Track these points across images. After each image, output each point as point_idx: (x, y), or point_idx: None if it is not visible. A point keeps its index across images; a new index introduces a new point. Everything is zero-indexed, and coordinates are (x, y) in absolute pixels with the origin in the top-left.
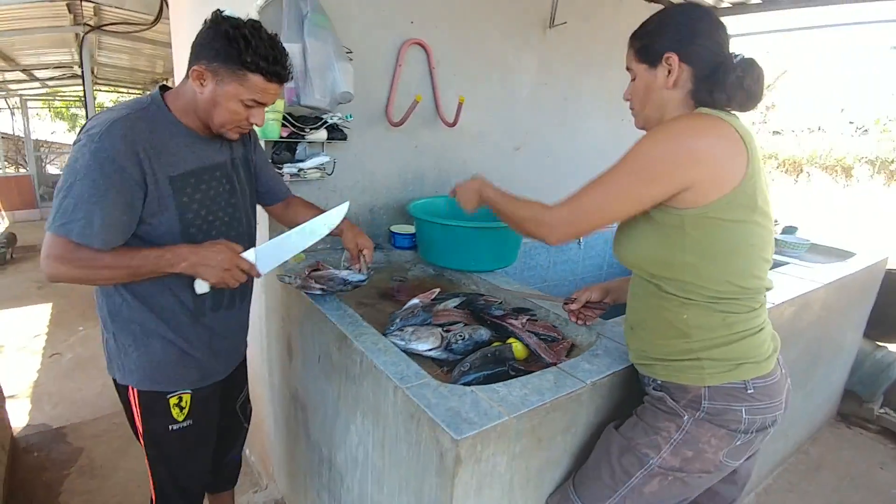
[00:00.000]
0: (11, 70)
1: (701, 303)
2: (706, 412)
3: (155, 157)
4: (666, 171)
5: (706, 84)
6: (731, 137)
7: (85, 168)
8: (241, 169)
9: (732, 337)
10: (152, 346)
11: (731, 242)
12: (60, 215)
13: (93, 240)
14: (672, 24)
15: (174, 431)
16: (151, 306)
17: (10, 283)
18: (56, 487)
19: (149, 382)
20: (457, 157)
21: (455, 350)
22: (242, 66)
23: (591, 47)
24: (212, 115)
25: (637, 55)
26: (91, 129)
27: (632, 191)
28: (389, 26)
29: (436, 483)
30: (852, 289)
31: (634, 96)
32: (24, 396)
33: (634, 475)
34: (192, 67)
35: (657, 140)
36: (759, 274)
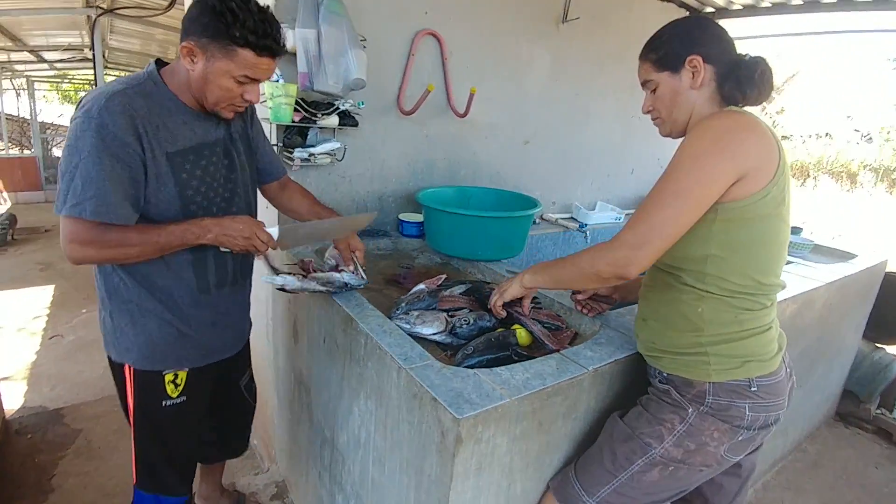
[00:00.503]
0: (18, 50)
1: (718, 296)
2: (710, 407)
3: (153, 132)
4: (724, 168)
5: (727, 81)
6: (767, 133)
7: (89, 146)
8: (240, 144)
9: (742, 334)
10: (149, 325)
11: (759, 236)
12: (71, 196)
13: (110, 216)
14: (689, 31)
15: (167, 407)
16: (150, 287)
17: (11, 265)
18: (50, 469)
19: (145, 361)
20: (467, 147)
21: (459, 334)
22: (231, 41)
23: (605, 43)
24: (204, 92)
25: (656, 65)
26: (89, 106)
27: (699, 194)
28: (404, 16)
29: (436, 462)
30: (853, 289)
31: (660, 105)
32: (21, 378)
33: (635, 463)
34: (182, 44)
35: (707, 139)
36: (777, 271)
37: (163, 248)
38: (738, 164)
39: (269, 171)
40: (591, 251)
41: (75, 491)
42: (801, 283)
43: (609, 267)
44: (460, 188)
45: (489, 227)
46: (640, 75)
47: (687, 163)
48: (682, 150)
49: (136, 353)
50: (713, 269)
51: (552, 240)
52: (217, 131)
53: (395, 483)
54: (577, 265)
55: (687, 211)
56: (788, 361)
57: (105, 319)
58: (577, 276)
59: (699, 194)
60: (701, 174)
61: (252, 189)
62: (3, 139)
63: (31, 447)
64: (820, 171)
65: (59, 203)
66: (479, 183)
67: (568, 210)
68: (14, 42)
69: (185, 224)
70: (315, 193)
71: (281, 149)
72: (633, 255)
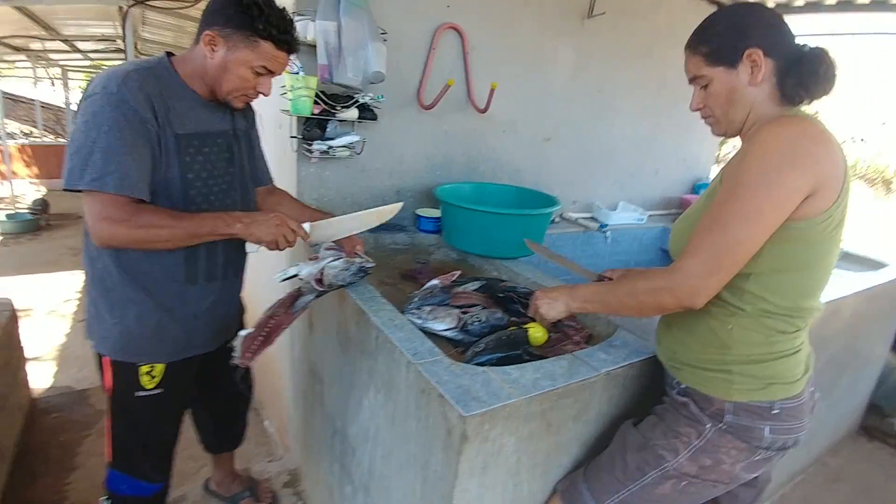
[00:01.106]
0: (52, 39)
1: (752, 315)
2: (729, 425)
3: (164, 112)
4: (797, 186)
5: (788, 76)
6: (836, 145)
7: (109, 120)
8: (241, 140)
9: (770, 356)
10: (127, 316)
11: (812, 258)
12: (91, 170)
13: (132, 189)
14: (746, 19)
15: (141, 398)
16: (135, 274)
17: (44, 249)
18: (73, 448)
19: (120, 352)
20: (486, 144)
21: (471, 331)
22: (255, 33)
23: (630, 39)
24: (221, 80)
25: (709, 59)
26: (105, 83)
27: (770, 216)
28: (425, 10)
29: (441, 459)
30: (883, 299)
31: (713, 102)
32: (50, 359)
33: (648, 474)
34: (204, 32)
35: (777, 151)
36: (819, 294)
37: (193, 234)
38: (809, 180)
39: (258, 176)
40: (650, 281)
41: (97, 470)
42: (828, 290)
43: (674, 300)
44: (478, 184)
45: (506, 224)
46: (689, 70)
47: (755, 179)
48: (748, 163)
49: (112, 342)
50: (755, 286)
51: (571, 239)
52: (222, 123)
53: (401, 477)
54: (635, 296)
55: (757, 235)
56: (812, 380)
57: (89, 306)
58: (635, 306)
59: (771, 217)
60: (772, 193)
61: (250, 187)
62: (38, 127)
63: (57, 426)
64: (854, 176)
65: (74, 178)
66: (499, 180)
67: (589, 210)
68: (48, 31)
69: (217, 213)
70: (333, 187)
71: (300, 141)
72: (699, 286)
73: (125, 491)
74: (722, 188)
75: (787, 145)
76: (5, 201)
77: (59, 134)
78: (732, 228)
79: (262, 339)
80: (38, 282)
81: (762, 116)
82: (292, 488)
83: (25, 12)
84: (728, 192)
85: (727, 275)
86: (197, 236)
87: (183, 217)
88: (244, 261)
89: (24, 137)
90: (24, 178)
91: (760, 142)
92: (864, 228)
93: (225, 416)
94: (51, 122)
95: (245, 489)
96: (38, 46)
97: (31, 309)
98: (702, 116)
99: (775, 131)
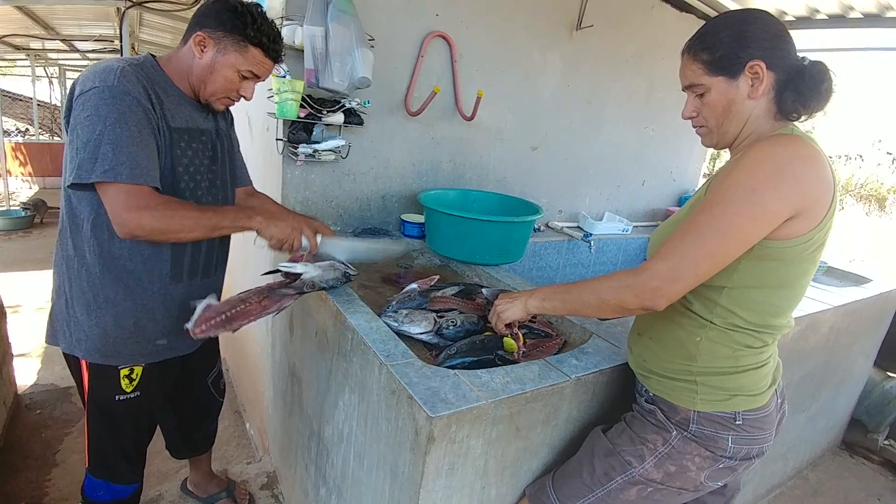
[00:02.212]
0: (51, 39)
1: (721, 328)
2: (693, 434)
3: (159, 105)
4: (780, 207)
5: (787, 89)
6: (827, 168)
7: (114, 113)
8: (224, 140)
9: (736, 369)
10: (105, 318)
11: (787, 278)
12: (101, 163)
13: (146, 178)
14: (752, 31)
15: (119, 402)
16: (118, 272)
17: (34, 246)
18: (55, 445)
19: (98, 355)
20: (473, 151)
21: (446, 335)
22: (245, 39)
23: (619, 52)
24: (206, 81)
25: (710, 68)
26: (103, 77)
27: (747, 232)
28: (414, 17)
29: (409, 460)
30: (865, 315)
31: (709, 112)
32: (35, 356)
33: (614, 480)
34: (195, 33)
35: (765, 170)
36: (791, 312)
37: (215, 225)
38: (794, 202)
39: (238, 176)
40: (614, 279)
41: (78, 467)
42: (807, 304)
43: (636, 298)
44: (463, 191)
45: (488, 230)
46: (687, 77)
47: (739, 194)
48: (734, 177)
49: (87, 345)
50: (726, 301)
51: (555, 248)
52: (206, 122)
53: (372, 478)
54: (597, 293)
55: (731, 249)
56: (781, 391)
57: (59, 307)
58: (595, 304)
59: (748, 234)
60: (755, 211)
61: (231, 185)
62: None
63: (40, 422)
64: (847, 194)
65: (85, 171)
66: (485, 187)
67: (575, 219)
68: (48, 31)
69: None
70: (318, 190)
71: (286, 143)
72: (663, 289)
73: (102, 497)
74: (705, 198)
75: (776, 166)
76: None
77: (55, 132)
78: (707, 239)
79: (222, 318)
80: (27, 279)
81: (756, 130)
82: (270, 490)
83: (26, 12)
84: (711, 202)
85: (693, 282)
86: (218, 228)
87: (206, 208)
88: (227, 257)
89: (21, 135)
90: (18, 175)
91: (752, 158)
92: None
93: (193, 420)
94: (47, 121)
95: (222, 490)
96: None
97: (20, 305)
98: (693, 125)
99: (768, 151)
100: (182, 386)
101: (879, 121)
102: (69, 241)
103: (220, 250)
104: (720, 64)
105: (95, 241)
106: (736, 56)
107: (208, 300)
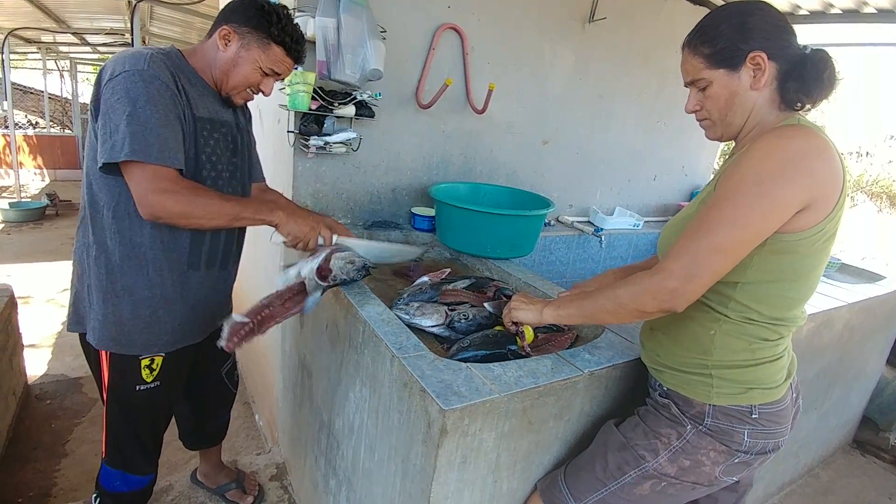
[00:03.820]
0: (62, 32)
1: (736, 322)
2: (708, 428)
3: (185, 93)
4: (792, 198)
5: (790, 80)
6: (837, 159)
7: (144, 95)
8: (244, 134)
9: (751, 362)
10: (121, 306)
11: (801, 270)
12: (131, 142)
13: (174, 160)
14: (749, 19)
15: (140, 391)
16: (140, 261)
17: (45, 238)
18: (64, 435)
19: (117, 345)
20: (483, 144)
21: (457, 328)
22: (270, 37)
23: (631, 45)
24: (228, 74)
25: (710, 61)
26: (133, 62)
27: (760, 225)
28: (426, 9)
29: (421, 452)
30: (878, 312)
31: (711, 106)
32: (46, 346)
33: (627, 474)
34: (222, 26)
35: (775, 161)
36: (804, 304)
37: (237, 216)
38: (804, 195)
39: (254, 172)
40: (631, 284)
41: (87, 457)
42: (822, 301)
43: (654, 301)
44: (474, 185)
45: (498, 224)
46: (688, 72)
47: (750, 187)
48: (743, 171)
49: (101, 333)
50: (742, 296)
51: (566, 242)
52: (227, 114)
53: (383, 470)
54: (615, 300)
55: (743, 243)
56: (796, 385)
57: (79, 294)
58: (615, 310)
59: (760, 227)
60: (765, 203)
61: (249, 179)
62: (45, 118)
63: (50, 413)
64: (859, 190)
65: (115, 151)
66: (495, 181)
67: (585, 214)
68: (59, 24)
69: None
70: (329, 182)
71: (297, 136)
72: (680, 289)
73: (118, 488)
74: (715, 193)
75: (786, 157)
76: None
77: (66, 125)
78: (719, 234)
79: (251, 327)
80: (38, 270)
81: (761, 121)
82: (279, 482)
83: (38, 4)
84: (720, 197)
85: (710, 279)
86: (240, 218)
87: (230, 198)
88: (241, 252)
89: (32, 128)
90: (30, 168)
91: (760, 151)
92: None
93: (207, 411)
94: (57, 113)
95: (231, 481)
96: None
97: (30, 296)
98: (697, 118)
99: (777, 142)
100: (197, 376)
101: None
102: (90, 228)
103: (237, 243)
104: (721, 56)
105: (116, 228)
106: (737, 48)
107: (233, 317)
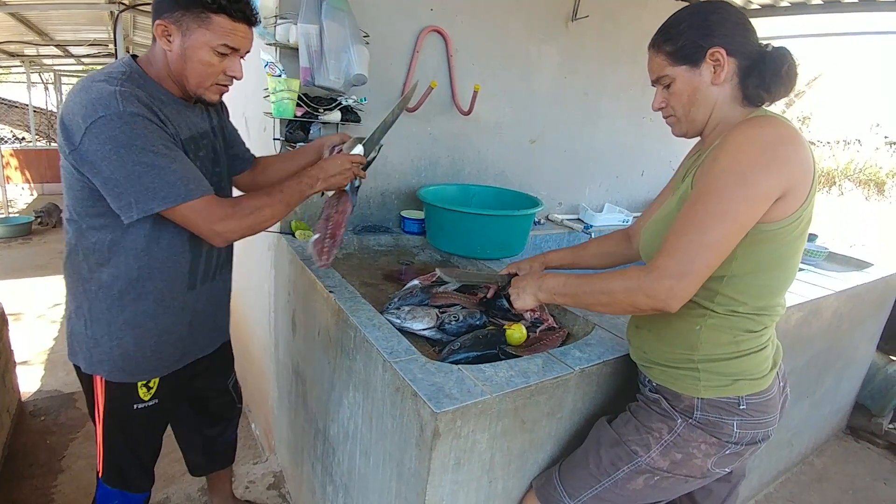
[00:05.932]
0: (45, 45)
1: (722, 315)
2: (698, 421)
3: (167, 120)
4: (772, 185)
5: (750, 76)
6: (806, 147)
7: (138, 139)
8: (220, 137)
9: (736, 354)
10: (125, 339)
11: (783, 258)
12: (152, 194)
13: (206, 189)
14: (709, 18)
15: (138, 410)
16: (140, 292)
17: (34, 253)
18: (60, 451)
19: (119, 374)
20: (471, 146)
21: (448, 331)
22: (204, 8)
23: (615, 43)
24: (185, 72)
25: (672, 58)
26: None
27: (745, 215)
28: (409, 13)
29: (415, 455)
30: (867, 300)
31: (675, 102)
32: (38, 363)
33: (621, 469)
34: (155, 24)
35: (751, 152)
36: (785, 291)
37: (288, 202)
38: (782, 182)
39: (245, 157)
40: (625, 278)
41: (83, 472)
42: (809, 290)
43: (648, 300)
44: (462, 186)
45: (488, 225)
46: (653, 70)
47: (730, 179)
48: (722, 163)
49: (109, 365)
50: (728, 289)
51: (556, 240)
52: (203, 123)
53: (378, 475)
54: (609, 293)
55: (732, 235)
56: (783, 374)
57: (75, 327)
58: (608, 303)
59: (746, 215)
60: (748, 192)
61: (229, 183)
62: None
63: (44, 429)
64: (846, 179)
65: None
66: (484, 182)
67: (574, 211)
68: (42, 37)
69: (297, 177)
70: None
71: (283, 143)
72: (675, 287)
73: None
74: (695, 190)
75: (760, 147)
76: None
77: (52, 138)
78: (708, 229)
79: (329, 239)
80: (28, 286)
81: (725, 117)
82: (277, 490)
83: (20, 18)
84: (703, 191)
85: (703, 275)
86: (290, 205)
87: (272, 192)
88: (232, 253)
89: (18, 142)
90: (17, 183)
91: (735, 142)
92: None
93: (216, 427)
94: (43, 127)
95: None
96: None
97: (21, 313)
98: (663, 116)
99: (751, 132)
100: (204, 390)
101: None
102: (83, 264)
103: (227, 253)
104: (682, 53)
105: (115, 265)
106: (697, 45)
107: (311, 240)
